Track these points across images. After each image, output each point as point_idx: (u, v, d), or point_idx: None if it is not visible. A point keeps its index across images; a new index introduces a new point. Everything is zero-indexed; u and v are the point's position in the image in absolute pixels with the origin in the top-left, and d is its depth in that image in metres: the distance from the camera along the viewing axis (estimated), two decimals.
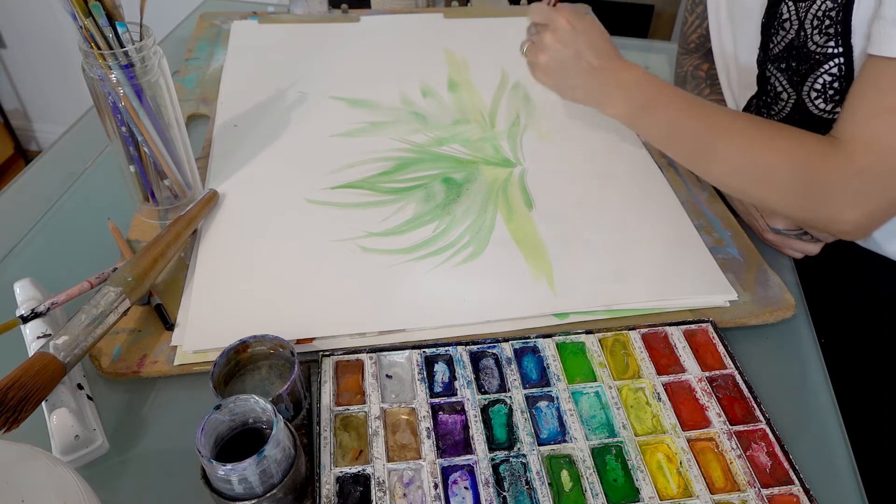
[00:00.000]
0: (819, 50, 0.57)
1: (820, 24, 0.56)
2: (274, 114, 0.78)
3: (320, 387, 0.49)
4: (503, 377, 0.51)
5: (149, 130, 0.58)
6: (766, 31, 0.62)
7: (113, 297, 0.49)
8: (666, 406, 0.49)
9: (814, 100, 0.59)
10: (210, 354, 0.51)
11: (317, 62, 0.87)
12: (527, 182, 0.69)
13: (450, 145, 0.74)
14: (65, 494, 0.34)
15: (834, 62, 0.56)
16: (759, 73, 0.64)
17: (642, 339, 0.54)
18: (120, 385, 0.51)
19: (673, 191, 0.69)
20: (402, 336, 0.54)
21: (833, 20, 0.55)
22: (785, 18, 0.59)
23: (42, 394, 0.43)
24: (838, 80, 0.57)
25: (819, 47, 0.57)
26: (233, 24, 0.95)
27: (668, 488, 0.45)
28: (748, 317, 0.57)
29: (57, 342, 0.45)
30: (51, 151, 0.75)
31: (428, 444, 0.46)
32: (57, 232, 0.64)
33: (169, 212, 0.64)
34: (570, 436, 0.47)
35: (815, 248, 0.62)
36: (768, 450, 0.47)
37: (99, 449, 0.46)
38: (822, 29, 0.56)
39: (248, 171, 0.70)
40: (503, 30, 0.97)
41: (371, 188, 0.68)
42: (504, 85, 0.85)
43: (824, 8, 0.55)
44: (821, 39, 0.56)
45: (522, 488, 0.44)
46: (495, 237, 0.62)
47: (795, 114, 0.62)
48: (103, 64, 0.53)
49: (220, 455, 0.41)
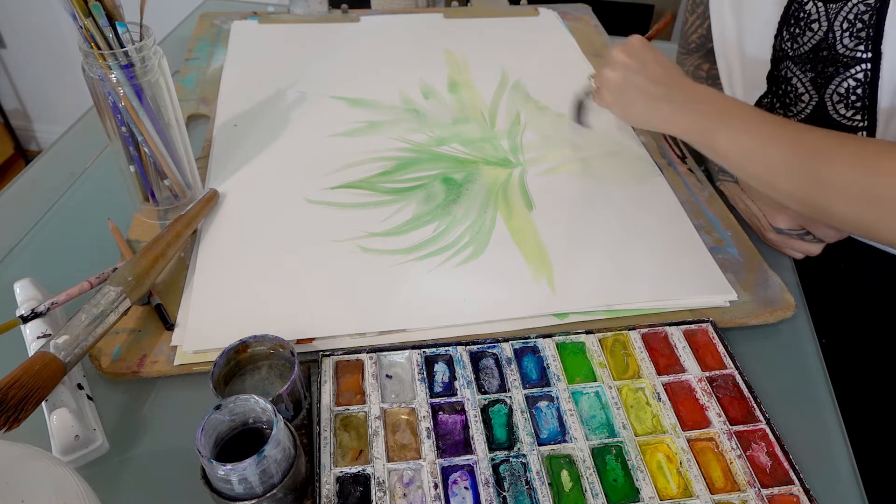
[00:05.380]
0: (848, 53, 0.56)
1: (851, 27, 0.55)
2: (274, 114, 0.78)
3: (320, 387, 0.49)
4: (503, 377, 0.51)
5: (149, 130, 0.58)
6: (782, 29, 0.61)
7: (113, 297, 0.49)
8: (666, 406, 0.49)
9: (836, 103, 0.59)
10: (210, 354, 0.51)
11: (317, 62, 0.87)
12: (527, 182, 0.69)
13: (450, 145, 0.74)
14: (65, 494, 0.34)
15: (860, 67, 0.55)
16: (773, 71, 0.64)
17: (642, 339, 0.54)
18: (120, 385, 0.51)
19: (673, 191, 0.69)
20: (402, 336, 0.54)
21: (865, 24, 0.54)
22: (814, 19, 0.58)
23: (42, 393, 0.43)
24: (862, 87, 0.56)
25: (848, 51, 0.56)
26: (233, 24, 0.95)
27: (668, 488, 0.45)
28: (748, 317, 0.57)
29: (57, 341, 0.45)
30: (51, 151, 0.75)
31: (428, 444, 0.46)
32: (57, 232, 0.64)
33: (169, 212, 0.64)
34: (570, 436, 0.47)
35: (816, 249, 0.62)
36: (768, 450, 0.47)
37: (99, 449, 0.46)
38: (852, 32, 0.55)
39: (248, 171, 0.70)
40: (503, 30, 0.97)
41: (371, 188, 0.68)
42: (504, 84, 0.85)
43: (856, 11, 0.54)
44: (850, 43, 0.55)
45: (522, 488, 0.44)
46: (495, 237, 0.62)
47: (815, 116, 0.61)
48: (103, 64, 0.53)
49: (220, 455, 0.41)
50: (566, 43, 0.95)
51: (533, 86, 0.85)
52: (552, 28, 0.98)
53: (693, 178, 0.71)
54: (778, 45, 0.63)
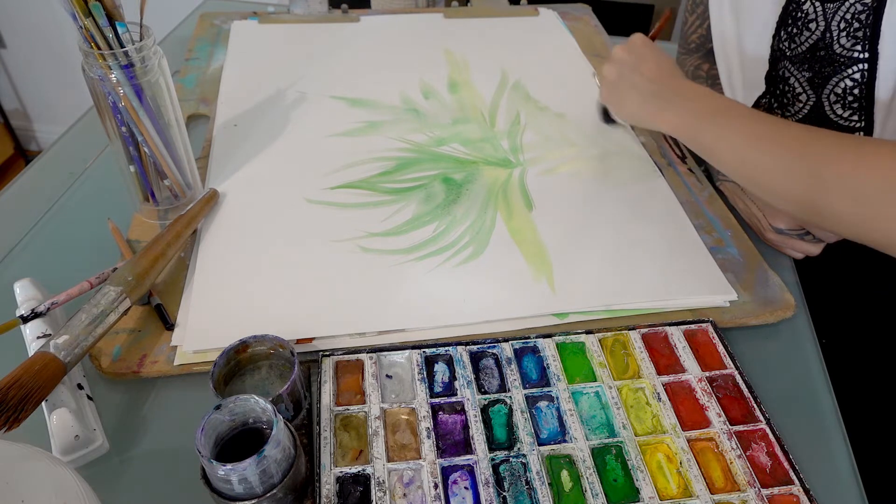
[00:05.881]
0: (845, 53, 0.56)
1: (848, 27, 0.55)
2: (274, 114, 0.78)
3: (320, 387, 0.49)
4: (503, 377, 0.51)
5: (149, 130, 0.58)
6: (779, 29, 0.61)
7: (113, 297, 0.49)
8: (666, 406, 0.49)
9: (833, 103, 0.59)
10: (210, 354, 0.51)
11: (317, 62, 0.87)
12: (527, 182, 0.69)
13: (450, 145, 0.74)
14: (65, 494, 0.34)
15: (857, 67, 0.55)
16: (771, 71, 0.64)
17: (642, 339, 0.54)
18: (120, 385, 0.51)
19: (673, 191, 0.69)
20: (402, 336, 0.54)
21: (862, 23, 0.54)
22: (811, 18, 0.58)
23: (43, 393, 0.43)
24: (859, 87, 0.56)
25: (845, 51, 0.56)
26: (233, 24, 0.95)
27: (668, 488, 0.45)
28: (748, 317, 0.57)
29: (57, 341, 0.45)
30: (51, 151, 0.75)
31: (428, 444, 0.46)
32: (57, 232, 0.64)
33: (169, 212, 0.64)
34: (570, 436, 0.47)
35: (816, 249, 0.62)
36: (768, 450, 0.47)
37: (99, 449, 0.46)
38: (849, 32, 0.55)
39: (248, 171, 0.70)
40: (503, 30, 0.97)
41: (371, 188, 0.68)
42: (504, 84, 0.85)
43: (854, 11, 0.54)
44: (847, 43, 0.55)
45: (522, 488, 0.44)
46: (495, 237, 0.62)
47: (812, 116, 0.61)
48: (103, 64, 0.53)
49: (220, 455, 0.41)
50: (566, 43, 0.95)
51: (533, 86, 0.85)
52: (552, 28, 0.98)
53: (693, 178, 0.71)
54: (776, 44, 0.63)
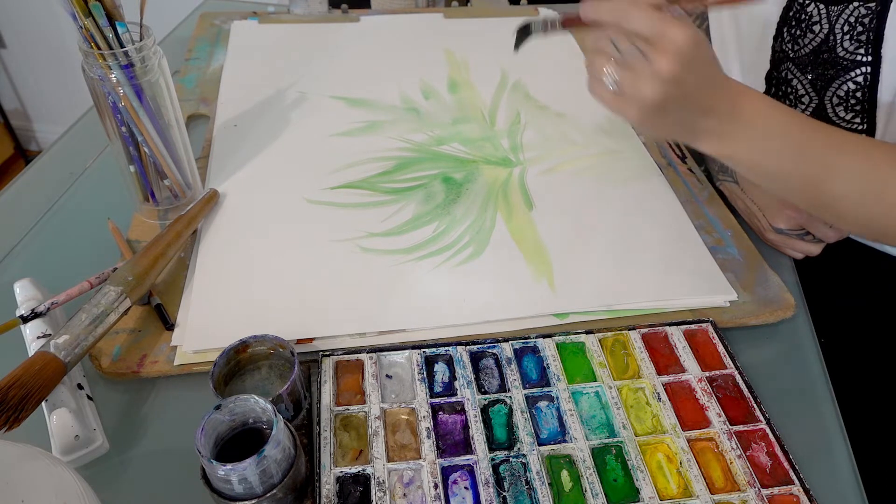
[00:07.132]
0: (848, 56, 0.56)
1: (852, 30, 0.55)
2: (274, 114, 0.78)
3: (320, 387, 0.49)
4: (503, 377, 0.51)
5: (149, 130, 0.58)
6: (781, 30, 0.61)
7: (114, 297, 0.49)
8: (666, 406, 0.49)
9: (835, 106, 0.59)
10: (210, 354, 0.51)
11: (317, 62, 0.87)
12: (527, 182, 0.69)
13: (450, 144, 0.74)
14: (65, 494, 0.34)
15: (860, 70, 0.55)
16: (773, 72, 0.64)
17: (642, 339, 0.54)
18: (120, 385, 0.51)
19: (673, 191, 0.69)
20: (402, 336, 0.54)
21: (866, 27, 0.54)
22: (815, 21, 0.58)
23: (43, 393, 0.43)
24: (861, 90, 0.56)
25: (848, 54, 0.56)
26: (233, 24, 0.95)
27: (668, 488, 0.45)
28: (748, 317, 0.57)
29: (58, 341, 0.45)
30: (51, 151, 0.75)
31: (428, 444, 0.46)
32: (57, 232, 0.64)
33: (169, 212, 0.64)
34: (570, 436, 0.47)
35: (816, 249, 0.62)
36: (768, 450, 0.47)
37: (99, 449, 0.46)
38: (853, 35, 0.55)
39: (248, 171, 0.70)
40: (503, 30, 0.97)
41: (371, 188, 0.68)
42: (504, 84, 0.85)
43: (857, 14, 0.54)
44: (851, 46, 0.55)
45: (522, 488, 0.44)
46: (495, 237, 0.62)
47: (815, 118, 0.61)
48: (103, 64, 0.53)
49: (220, 455, 0.41)
50: (566, 42, 0.94)
51: (533, 85, 0.85)
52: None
53: (693, 178, 0.71)
54: (778, 46, 0.63)
